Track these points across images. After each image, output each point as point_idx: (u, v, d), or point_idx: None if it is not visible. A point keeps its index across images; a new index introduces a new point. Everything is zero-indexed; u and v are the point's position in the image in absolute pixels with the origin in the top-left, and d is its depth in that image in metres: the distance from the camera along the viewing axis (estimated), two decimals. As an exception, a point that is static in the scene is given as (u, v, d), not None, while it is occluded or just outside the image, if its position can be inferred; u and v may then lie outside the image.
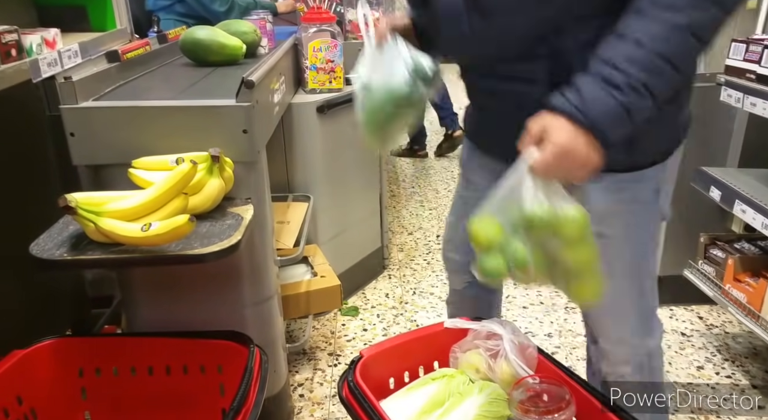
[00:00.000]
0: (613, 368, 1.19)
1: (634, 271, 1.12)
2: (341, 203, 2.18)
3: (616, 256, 1.09)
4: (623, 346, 1.17)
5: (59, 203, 1.04)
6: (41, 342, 1.23)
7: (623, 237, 1.08)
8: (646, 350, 1.18)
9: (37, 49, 1.30)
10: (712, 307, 2.21)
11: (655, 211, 1.08)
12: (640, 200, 1.05)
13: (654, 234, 1.12)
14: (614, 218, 1.05)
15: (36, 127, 1.59)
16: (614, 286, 1.08)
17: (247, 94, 1.22)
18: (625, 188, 1.02)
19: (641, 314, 1.16)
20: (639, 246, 1.10)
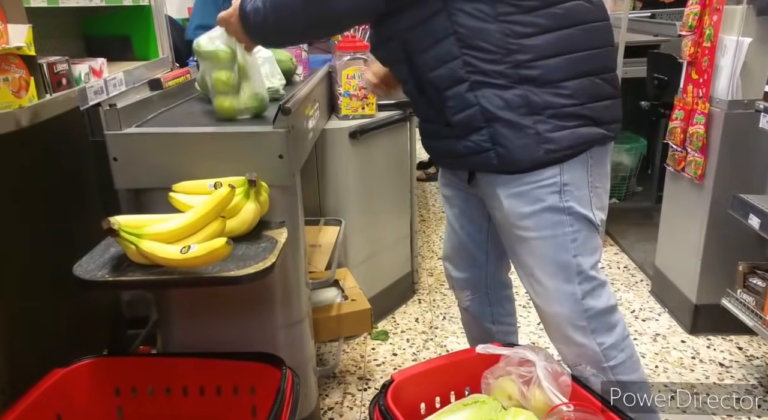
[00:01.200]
0: (573, 370, 1.24)
1: (558, 271, 1.18)
2: (372, 227, 2.20)
3: (538, 256, 1.19)
4: (570, 346, 1.21)
5: (103, 225, 1.07)
6: (80, 361, 1.26)
7: (540, 238, 1.17)
8: (597, 349, 1.20)
9: (85, 78, 1.36)
10: (753, 338, 2.13)
11: (562, 211, 1.16)
12: (544, 201, 1.15)
13: (572, 235, 1.17)
14: (527, 221, 1.16)
15: (79, 152, 1.66)
16: (543, 288, 1.20)
17: (283, 120, 1.25)
18: (527, 192, 1.15)
19: (580, 314, 1.19)
20: (558, 246, 1.17)
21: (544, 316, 1.25)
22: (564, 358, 1.27)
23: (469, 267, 1.48)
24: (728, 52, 1.90)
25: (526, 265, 1.22)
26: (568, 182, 1.15)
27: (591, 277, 1.19)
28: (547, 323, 1.26)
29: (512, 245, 1.24)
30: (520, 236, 1.19)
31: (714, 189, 2.01)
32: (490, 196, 1.22)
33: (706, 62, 1.99)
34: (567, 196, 1.16)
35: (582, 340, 1.20)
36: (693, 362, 2.05)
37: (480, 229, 1.42)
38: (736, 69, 1.88)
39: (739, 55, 1.87)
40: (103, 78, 1.42)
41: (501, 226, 1.24)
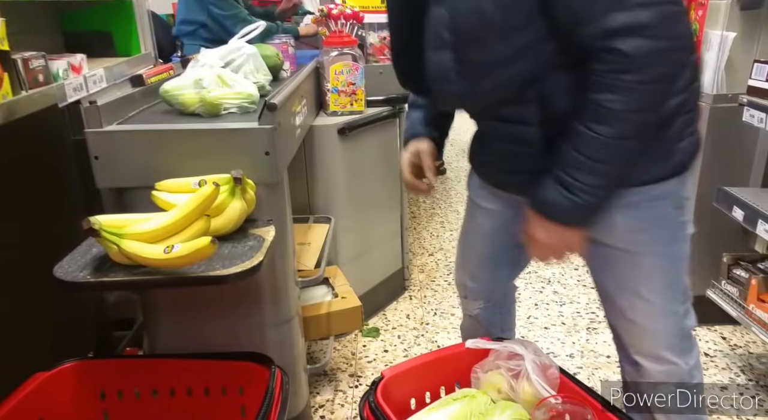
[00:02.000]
0: (654, 388, 1.17)
1: (667, 288, 1.12)
2: (362, 224, 2.19)
3: (649, 273, 1.10)
4: (663, 364, 1.15)
5: (83, 226, 1.05)
6: (64, 364, 1.24)
7: (655, 254, 1.09)
8: (686, 368, 1.16)
9: (64, 75, 1.33)
10: (736, 328, 2.16)
11: (680, 227, 1.10)
12: (663, 216, 1.08)
13: (683, 251, 1.12)
14: (641, 235, 1.07)
15: (60, 151, 1.62)
16: (649, 304, 1.11)
17: (269, 116, 1.23)
18: (645, 206, 1.05)
19: (678, 332, 1.15)
20: (672, 264, 1.11)
21: (638, 332, 1.15)
22: (646, 375, 1.17)
23: (491, 280, 1.39)
24: (713, 46, 1.91)
25: (629, 281, 1.12)
26: (686, 196, 1.09)
27: (690, 296, 1.15)
28: (641, 339, 1.16)
29: (610, 260, 1.12)
30: (629, 251, 1.09)
31: (699, 181, 2.02)
32: None
33: (691, 55, 2.00)
34: (684, 211, 1.09)
35: (675, 359, 1.15)
36: (681, 354, 2.06)
37: (516, 245, 1.24)
38: (721, 63, 1.89)
39: (724, 49, 1.88)
40: (83, 74, 1.39)
41: (599, 241, 1.10)
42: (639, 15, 0.84)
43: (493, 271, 1.37)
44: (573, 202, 0.95)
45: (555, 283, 2.58)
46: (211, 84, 1.36)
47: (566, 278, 2.63)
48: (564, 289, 2.53)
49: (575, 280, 2.61)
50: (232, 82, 1.40)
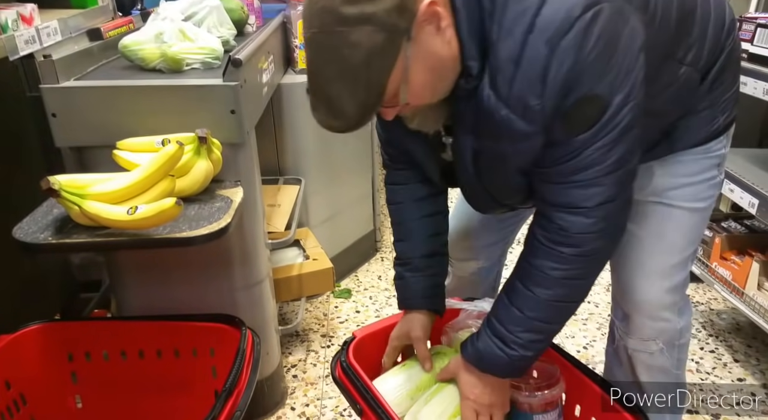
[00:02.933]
0: (643, 344, 1.18)
1: (689, 245, 1.14)
2: (333, 186, 2.16)
3: (678, 227, 1.11)
4: (658, 321, 1.16)
5: (42, 185, 1.02)
6: (29, 326, 1.22)
7: (689, 210, 1.10)
8: (678, 327, 1.18)
9: (13, 25, 1.26)
10: (699, 285, 2.23)
11: (714, 186, 1.11)
12: (705, 174, 1.09)
13: (709, 209, 1.13)
14: (678, 191, 1.09)
15: (17, 108, 1.55)
16: (663, 254, 1.12)
17: (234, 73, 1.19)
18: (687, 161, 1.07)
19: (679, 290, 1.16)
20: (701, 220, 1.13)
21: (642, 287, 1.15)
22: (638, 330, 1.17)
23: (495, 241, 1.38)
24: None
25: (653, 236, 1.12)
26: (726, 155, 1.10)
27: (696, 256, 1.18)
28: (642, 295, 1.15)
29: (641, 216, 1.11)
30: (664, 204, 1.09)
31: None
32: None
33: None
34: (722, 169, 1.10)
35: (670, 316, 1.16)
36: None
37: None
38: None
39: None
40: (35, 26, 1.32)
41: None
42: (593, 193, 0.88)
43: (497, 232, 1.37)
44: (508, 355, 0.98)
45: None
46: (173, 38, 1.30)
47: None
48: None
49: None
50: (195, 36, 1.35)
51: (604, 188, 0.88)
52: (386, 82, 0.78)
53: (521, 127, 0.84)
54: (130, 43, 1.32)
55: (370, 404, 1.02)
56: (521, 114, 0.83)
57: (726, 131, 1.09)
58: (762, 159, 1.84)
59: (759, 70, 1.56)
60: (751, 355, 1.87)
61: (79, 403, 1.28)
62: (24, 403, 1.19)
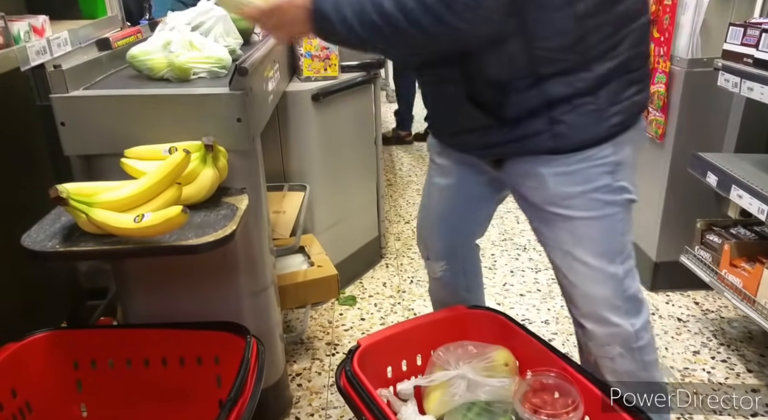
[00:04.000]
0: (601, 349, 1.21)
1: (605, 251, 1.15)
2: (338, 193, 2.17)
3: (583, 237, 1.14)
4: (606, 326, 1.18)
5: (50, 194, 1.02)
6: (35, 334, 1.22)
7: (589, 218, 1.13)
8: (631, 330, 1.19)
9: (25, 37, 1.28)
10: (708, 293, 2.21)
11: (615, 191, 1.12)
12: (596, 181, 1.11)
13: (620, 214, 1.15)
14: (574, 200, 1.12)
15: (26, 117, 1.57)
16: (586, 267, 1.15)
17: (240, 81, 1.20)
18: (575, 170, 1.09)
19: (618, 294, 1.17)
20: (608, 227, 1.14)
21: (579, 294, 1.19)
22: (592, 337, 1.21)
23: (450, 238, 1.42)
24: (688, 9, 1.90)
25: (566, 243, 1.16)
26: (621, 161, 1.11)
27: (631, 256, 1.18)
28: (582, 302, 1.19)
29: (549, 223, 1.17)
30: (564, 215, 1.13)
31: (674, 148, 2.04)
32: (524, 176, 1.15)
33: (667, 20, 1.99)
34: (619, 176, 1.11)
35: (618, 321, 1.17)
36: (653, 318, 2.11)
37: (474, 203, 1.37)
38: (696, 27, 1.89)
39: (699, 12, 1.88)
40: (46, 37, 1.34)
41: (536, 204, 1.17)
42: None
43: (453, 228, 1.41)
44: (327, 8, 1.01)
45: (530, 250, 2.61)
46: (180, 48, 1.31)
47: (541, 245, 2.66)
48: (539, 256, 2.56)
49: (551, 247, 2.64)
50: (202, 45, 1.36)
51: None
52: None
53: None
54: (138, 53, 1.33)
55: (375, 415, 1.02)
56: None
57: (613, 139, 1.09)
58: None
59: (765, 75, 1.56)
60: (765, 365, 1.84)
61: (84, 411, 1.29)
62: (30, 411, 1.19)
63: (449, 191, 1.36)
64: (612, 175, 1.11)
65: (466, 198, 1.35)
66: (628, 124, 1.10)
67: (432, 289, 1.56)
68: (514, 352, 1.24)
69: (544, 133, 1.07)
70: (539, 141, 1.08)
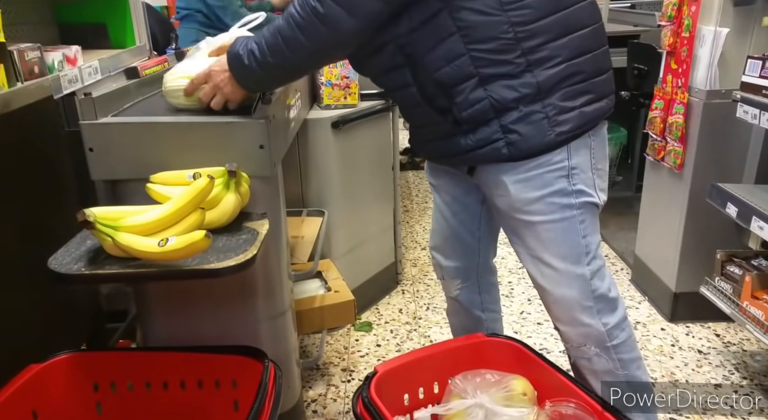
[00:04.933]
0: (578, 351, 1.24)
1: (568, 253, 1.19)
2: (355, 218, 2.19)
3: (547, 240, 1.19)
4: (577, 327, 1.22)
5: (78, 218, 1.04)
6: (57, 356, 1.23)
7: (549, 221, 1.17)
8: (603, 329, 1.22)
9: (59, 66, 1.33)
10: (730, 325, 2.17)
11: (572, 194, 1.17)
12: (553, 186, 1.15)
13: (579, 216, 1.18)
14: (534, 205, 1.17)
15: (55, 142, 1.62)
16: (552, 270, 1.20)
17: (263, 109, 1.23)
18: (535, 177, 1.16)
19: (588, 294, 1.20)
20: (567, 229, 1.18)
21: (551, 298, 1.24)
22: (568, 339, 1.27)
23: (461, 255, 1.47)
24: (706, 42, 1.92)
25: (533, 249, 1.22)
26: (576, 165, 1.16)
27: (597, 256, 1.21)
28: (554, 305, 1.25)
29: (517, 230, 1.23)
30: (527, 221, 1.19)
31: (693, 178, 2.03)
32: (492, 185, 1.21)
33: (684, 52, 2.01)
34: (575, 180, 1.17)
35: (589, 321, 1.21)
36: (672, 350, 2.08)
37: (473, 215, 1.42)
38: (714, 59, 1.90)
39: (717, 45, 1.89)
40: (78, 66, 1.39)
41: (504, 212, 1.23)
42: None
43: (462, 245, 1.46)
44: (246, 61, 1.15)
45: (548, 279, 2.59)
46: None
47: (560, 274, 2.64)
48: (557, 284, 2.54)
49: (568, 276, 2.62)
50: None
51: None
52: None
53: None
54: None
55: (392, 441, 1.01)
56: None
57: (565, 145, 1.14)
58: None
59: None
60: (787, 399, 1.80)
61: (102, 433, 1.29)
62: (50, 432, 1.20)
63: (449, 207, 1.43)
64: (567, 179, 1.16)
65: (465, 209, 1.42)
66: (579, 132, 1.15)
67: (449, 310, 1.60)
68: (532, 381, 1.23)
69: (499, 140, 1.13)
70: (496, 148, 1.14)
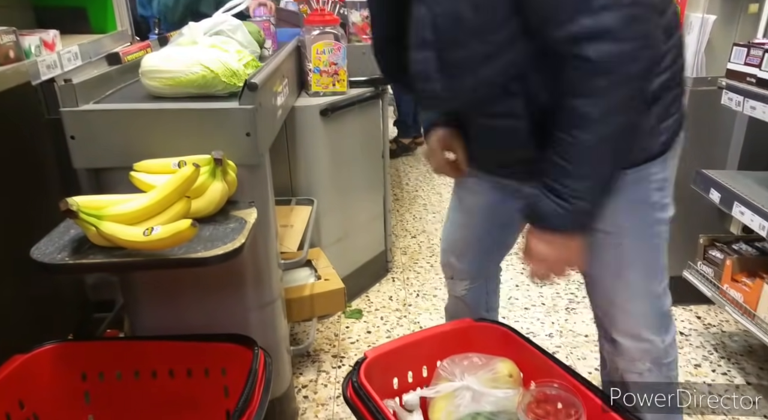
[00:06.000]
0: (631, 364, 1.20)
1: (646, 269, 1.15)
2: (345, 207, 2.18)
3: (628, 254, 1.12)
4: (640, 343, 1.18)
5: (60, 207, 1.03)
6: (43, 346, 1.22)
7: (632, 236, 1.11)
8: (662, 346, 1.19)
9: (36, 51, 1.30)
10: (710, 307, 2.21)
11: (661, 209, 1.12)
12: (642, 199, 1.09)
13: (664, 233, 1.14)
14: (620, 217, 1.09)
15: (35, 130, 1.59)
16: (628, 284, 1.13)
17: (250, 96, 1.21)
18: (626, 189, 1.05)
19: (655, 311, 1.17)
20: (655, 246, 1.14)
21: (619, 312, 1.17)
22: (624, 352, 1.20)
23: (477, 259, 1.39)
24: (693, 29, 1.92)
25: (611, 263, 1.14)
26: (667, 178, 1.10)
27: (667, 275, 1.17)
28: (622, 319, 1.17)
29: (594, 243, 1.10)
30: (610, 233, 1.10)
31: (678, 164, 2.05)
32: None
33: (671, 38, 2.01)
34: (666, 192, 1.11)
35: (652, 337, 1.17)
36: (656, 333, 2.11)
37: (504, 222, 1.32)
38: (701, 46, 1.91)
39: (704, 32, 1.90)
40: (57, 51, 1.36)
41: None
42: (603, 19, 0.84)
43: (482, 250, 1.39)
44: (566, 209, 0.96)
45: (535, 265, 2.61)
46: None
47: (546, 259, 2.66)
48: (544, 270, 2.56)
49: (555, 262, 2.65)
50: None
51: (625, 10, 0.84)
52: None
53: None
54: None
55: (382, 426, 1.02)
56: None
57: (662, 155, 1.08)
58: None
59: (767, 94, 1.58)
60: (764, 378, 1.84)
61: (92, 422, 1.29)
62: (37, 423, 1.19)
63: (480, 214, 1.32)
64: (661, 192, 1.10)
65: (495, 219, 1.32)
66: (675, 139, 1.09)
67: (450, 308, 1.54)
68: (518, 364, 1.24)
69: None
70: None
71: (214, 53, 1.29)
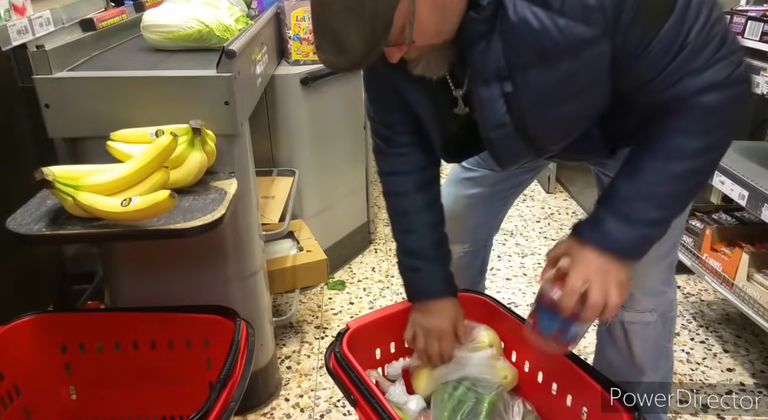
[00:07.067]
0: (638, 316, 1.22)
1: (676, 234, 1.18)
2: (327, 178, 2.17)
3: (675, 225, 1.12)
4: (652, 296, 1.21)
5: (35, 177, 1.01)
6: (21, 318, 1.21)
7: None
8: (669, 299, 1.24)
9: (5, 15, 1.25)
10: (690, 277, 2.25)
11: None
12: None
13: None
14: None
15: (8, 99, 1.54)
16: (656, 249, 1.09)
17: (228, 64, 1.19)
18: None
19: (668, 266, 1.21)
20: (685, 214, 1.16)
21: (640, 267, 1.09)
22: (636, 303, 1.19)
23: (484, 223, 1.39)
24: None
25: None
26: None
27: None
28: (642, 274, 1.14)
29: None
30: None
31: (660, 135, 2.06)
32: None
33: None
34: None
35: (665, 288, 1.22)
36: (635, 302, 2.15)
37: (516, 183, 1.33)
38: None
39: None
40: (27, 16, 1.31)
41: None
42: (710, 76, 0.85)
43: (490, 215, 1.39)
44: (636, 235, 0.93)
45: (517, 236, 2.64)
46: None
47: (528, 230, 2.69)
48: (526, 241, 2.58)
49: (536, 233, 2.67)
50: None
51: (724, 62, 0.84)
52: (393, 15, 0.76)
53: (582, 33, 0.80)
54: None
55: (364, 395, 1.03)
56: (581, 18, 0.79)
57: None
58: (752, 151, 1.86)
59: (751, 63, 1.57)
60: (741, 346, 1.89)
61: (73, 394, 1.29)
62: (18, 395, 1.19)
63: (490, 179, 1.30)
64: None
65: (509, 180, 1.32)
66: None
67: None
68: (500, 334, 1.26)
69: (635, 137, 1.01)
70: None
71: (207, 9, 1.32)
